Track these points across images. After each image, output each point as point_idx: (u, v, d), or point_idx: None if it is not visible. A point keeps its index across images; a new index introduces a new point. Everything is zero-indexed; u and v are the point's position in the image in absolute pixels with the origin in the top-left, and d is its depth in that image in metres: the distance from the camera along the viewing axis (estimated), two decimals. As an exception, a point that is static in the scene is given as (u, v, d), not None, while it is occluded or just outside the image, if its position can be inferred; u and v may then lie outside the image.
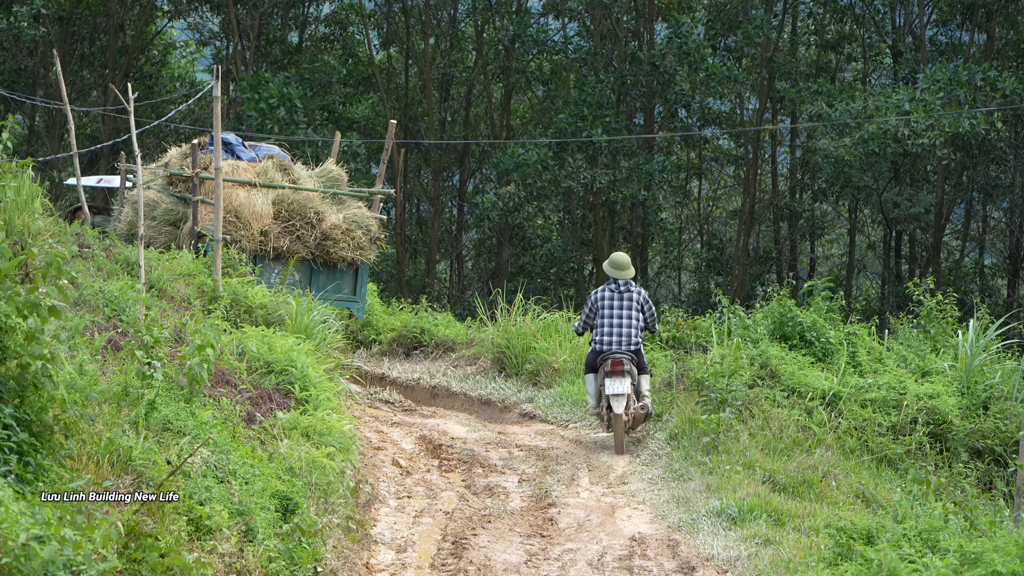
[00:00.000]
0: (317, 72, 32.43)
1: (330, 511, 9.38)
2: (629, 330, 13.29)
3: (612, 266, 13.55)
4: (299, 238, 17.23)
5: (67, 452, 6.67)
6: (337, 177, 18.20)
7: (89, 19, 35.39)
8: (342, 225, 17.53)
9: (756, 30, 30.28)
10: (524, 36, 32.35)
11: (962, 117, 25.41)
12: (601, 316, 13.34)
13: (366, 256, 17.76)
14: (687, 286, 36.09)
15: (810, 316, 15.23)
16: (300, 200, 17.46)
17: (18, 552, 5.23)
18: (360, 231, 17.70)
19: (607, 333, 13.29)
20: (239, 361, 10.83)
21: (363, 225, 17.83)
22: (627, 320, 13.32)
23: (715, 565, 9.44)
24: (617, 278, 13.42)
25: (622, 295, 13.38)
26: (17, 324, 6.44)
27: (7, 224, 10.07)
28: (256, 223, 17.00)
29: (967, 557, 7.89)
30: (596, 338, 13.31)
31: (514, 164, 29.76)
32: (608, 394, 12.96)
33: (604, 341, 13.26)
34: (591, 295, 13.56)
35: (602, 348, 13.25)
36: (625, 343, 13.24)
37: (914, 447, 12.95)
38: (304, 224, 17.30)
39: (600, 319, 13.33)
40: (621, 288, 13.40)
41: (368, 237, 17.87)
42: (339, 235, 17.43)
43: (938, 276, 28.31)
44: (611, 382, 12.95)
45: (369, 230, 17.92)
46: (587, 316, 13.51)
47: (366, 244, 17.80)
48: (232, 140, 18.20)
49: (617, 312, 13.33)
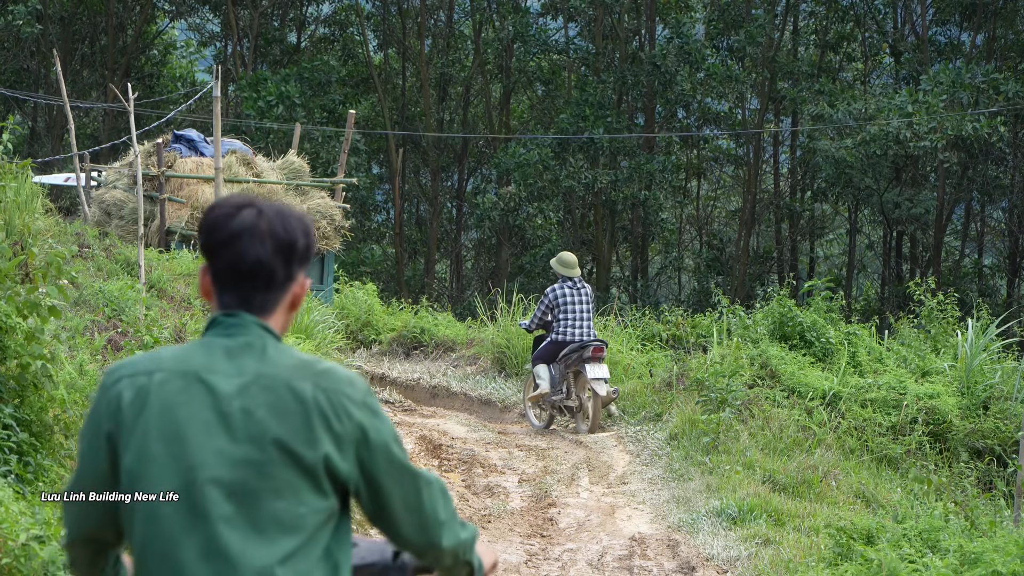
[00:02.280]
0: (316, 71, 32.45)
1: (330, 511, 9.36)
2: (591, 322, 14.04)
3: (564, 265, 14.18)
4: None
5: (67, 452, 6.67)
6: (299, 168, 18.46)
7: (89, 19, 35.38)
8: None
9: (758, 29, 30.26)
10: (525, 36, 32.34)
11: (965, 120, 25.40)
12: (564, 311, 13.96)
13: (331, 245, 18.13)
14: (687, 286, 36.08)
15: (810, 316, 15.23)
16: (264, 193, 17.64)
17: (18, 552, 5.23)
18: (325, 221, 18.00)
19: (574, 325, 13.93)
20: (239, 361, 10.82)
21: (327, 215, 18.12)
22: (587, 313, 14.03)
23: (715, 565, 9.44)
24: (570, 276, 14.06)
25: (579, 291, 14.06)
26: (17, 324, 6.44)
27: (7, 224, 10.06)
28: None
29: (967, 557, 7.89)
30: (560, 330, 13.93)
31: (515, 164, 29.75)
32: (591, 378, 13.54)
33: (571, 332, 13.91)
34: (548, 293, 14.07)
35: (569, 339, 13.88)
36: (590, 334, 13.97)
37: (914, 447, 12.94)
38: None
39: (563, 314, 13.96)
40: (577, 284, 14.06)
41: (333, 226, 18.21)
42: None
43: (939, 276, 28.30)
44: (592, 367, 13.59)
45: (333, 219, 18.25)
46: (543, 313, 14.10)
47: (331, 233, 18.15)
48: (194, 136, 18.32)
49: (579, 306, 14.01)
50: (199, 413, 2.63)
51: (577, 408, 13.99)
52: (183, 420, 2.63)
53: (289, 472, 2.63)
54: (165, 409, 2.64)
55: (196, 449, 2.62)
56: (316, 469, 2.64)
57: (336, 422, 2.67)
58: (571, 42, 32.89)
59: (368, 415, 2.73)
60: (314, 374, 2.69)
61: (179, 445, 2.62)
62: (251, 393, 2.65)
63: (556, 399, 14.05)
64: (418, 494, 2.77)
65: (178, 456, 2.61)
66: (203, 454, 2.61)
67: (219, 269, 2.73)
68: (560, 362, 13.91)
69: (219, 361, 2.67)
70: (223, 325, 2.72)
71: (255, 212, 2.73)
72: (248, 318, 2.72)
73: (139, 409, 2.65)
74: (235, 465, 2.61)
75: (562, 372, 13.96)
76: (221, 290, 2.75)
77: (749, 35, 30.21)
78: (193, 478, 2.60)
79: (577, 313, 13.95)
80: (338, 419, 2.67)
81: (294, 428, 2.64)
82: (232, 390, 2.65)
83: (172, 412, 2.64)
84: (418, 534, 2.78)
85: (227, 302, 2.74)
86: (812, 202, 33.54)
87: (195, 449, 2.62)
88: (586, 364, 13.62)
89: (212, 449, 2.62)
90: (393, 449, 2.76)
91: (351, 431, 2.69)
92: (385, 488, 2.72)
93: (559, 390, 14.01)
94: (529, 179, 29.72)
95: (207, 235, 2.75)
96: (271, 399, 2.65)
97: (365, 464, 2.70)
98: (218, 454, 2.62)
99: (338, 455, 2.66)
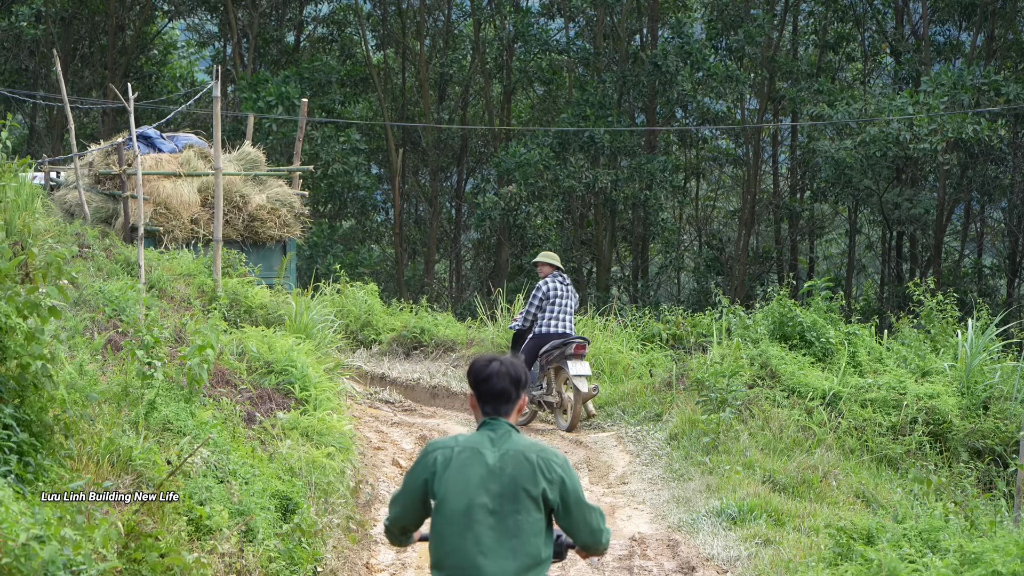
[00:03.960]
0: (316, 72, 32.45)
1: (330, 511, 9.37)
2: (572, 317, 14.19)
3: (550, 258, 14.38)
4: (228, 222, 17.65)
5: (67, 452, 6.67)
6: (255, 159, 18.67)
7: (89, 19, 35.38)
8: (267, 205, 18.08)
9: (758, 29, 30.26)
10: (527, 35, 32.34)
11: (966, 122, 25.38)
12: (552, 305, 14.07)
13: (292, 233, 18.37)
14: (687, 286, 36.08)
15: (810, 316, 15.22)
16: (224, 185, 17.77)
17: (18, 552, 5.23)
18: (285, 209, 18.19)
19: (558, 318, 14.05)
20: (239, 361, 10.83)
21: (287, 203, 18.36)
22: (571, 308, 14.17)
23: (715, 565, 9.44)
24: (560, 269, 14.25)
25: (567, 286, 14.21)
26: (17, 324, 6.44)
27: (7, 224, 10.06)
28: (185, 212, 17.44)
29: (967, 557, 7.88)
30: (544, 322, 14.03)
31: (515, 163, 29.74)
32: (573, 374, 13.65)
33: (554, 325, 14.02)
34: (540, 287, 14.16)
35: (552, 332, 13.99)
36: (571, 328, 14.10)
37: (914, 447, 12.94)
38: (231, 208, 17.79)
39: (551, 308, 14.06)
40: (565, 280, 14.23)
41: (292, 214, 18.44)
42: (265, 215, 17.97)
43: (939, 276, 28.29)
44: (574, 364, 13.72)
45: (293, 207, 18.50)
46: (537, 308, 14.14)
47: (291, 221, 18.38)
48: (152, 133, 18.40)
49: (565, 301, 14.13)
50: (477, 470, 4.88)
51: (558, 404, 14.15)
52: (468, 473, 4.87)
53: (525, 501, 4.85)
54: (459, 468, 4.88)
55: (474, 489, 4.85)
56: (537, 498, 4.86)
57: (548, 473, 4.90)
58: (572, 43, 32.89)
59: (564, 472, 4.93)
60: (537, 450, 4.94)
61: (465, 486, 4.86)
62: (505, 459, 4.89)
63: (536, 395, 14.17)
64: (590, 516, 4.98)
65: (464, 492, 4.85)
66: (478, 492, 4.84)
67: (481, 393, 5.01)
68: (541, 358, 14.05)
69: (487, 443, 4.93)
70: (488, 425, 4.99)
71: (498, 363, 5.02)
72: (501, 420, 4.99)
73: (444, 467, 4.90)
74: (494, 497, 4.84)
75: (543, 368, 14.10)
76: (483, 405, 5.02)
77: (748, 35, 30.20)
78: (471, 503, 4.83)
79: (562, 307, 14.08)
80: (549, 472, 4.90)
81: (526, 476, 4.87)
82: (495, 459, 4.89)
83: (463, 470, 4.88)
84: (588, 536, 5.01)
85: (487, 411, 5.01)
86: (811, 202, 33.53)
87: (473, 489, 4.85)
88: (568, 360, 13.75)
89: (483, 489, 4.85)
90: (578, 491, 4.95)
91: (555, 479, 4.90)
92: (572, 512, 4.95)
93: (539, 385, 14.16)
94: (529, 179, 29.72)
95: (474, 376, 5.03)
96: (514, 462, 4.88)
97: (562, 497, 4.91)
98: (486, 492, 4.84)
99: (549, 490, 4.88)
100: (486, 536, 4.77)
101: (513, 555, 4.78)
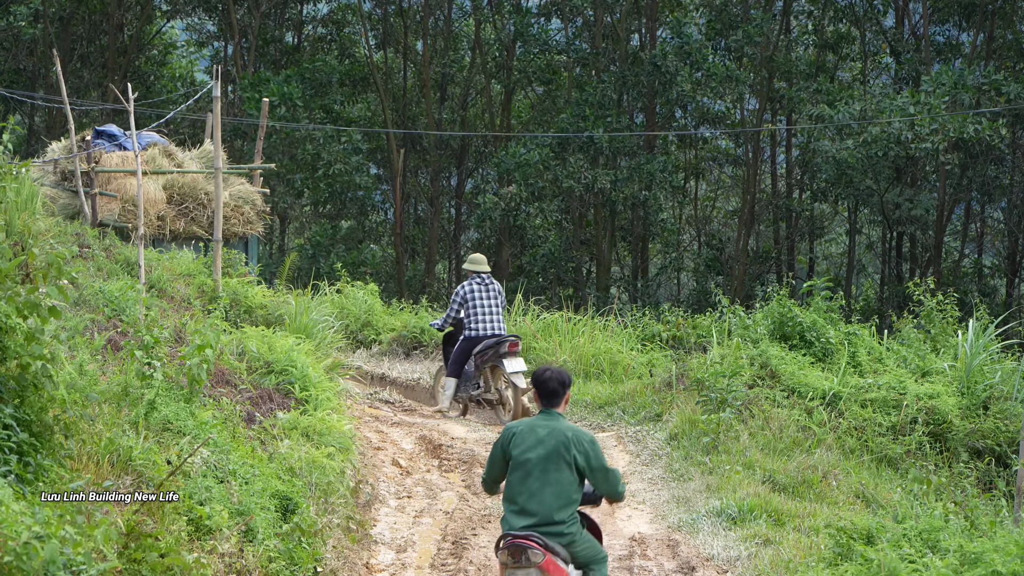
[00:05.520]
0: (317, 72, 32.46)
1: (330, 511, 9.37)
2: (501, 317, 14.60)
3: (475, 263, 14.78)
4: (193, 219, 17.82)
5: (67, 452, 6.67)
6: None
7: (88, 18, 35.38)
8: (231, 202, 18.22)
9: (756, 29, 30.25)
10: (526, 35, 32.34)
11: (966, 122, 25.38)
12: (475, 307, 14.54)
13: (255, 229, 18.54)
14: (687, 286, 36.08)
15: (810, 316, 15.22)
16: (188, 182, 17.97)
17: (19, 551, 5.23)
18: (247, 206, 18.34)
19: (485, 320, 14.51)
20: (239, 361, 10.83)
21: (249, 200, 18.53)
22: (498, 309, 14.61)
23: (715, 565, 9.45)
24: (480, 271, 14.63)
25: (488, 287, 14.62)
26: (17, 324, 6.44)
27: (7, 224, 10.06)
28: (152, 209, 17.56)
29: (967, 557, 7.89)
30: (472, 326, 14.51)
31: (515, 164, 29.74)
32: (510, 372, 14.20)
33: (483, 327, 14.48)
34: (458, 291, 14.67)
35: (481, 334, 14.45)
36: (501, 328, 14.55)
37: (914, 447, 12.94)
38: (196, 205, 17.92)
39: (474, 310, 14.54)
40: (486, 281, 14.64)
41: (255, 211, 18.62)
42: (229, 212, 18.07)
43: (939, 276, 28.29)
44: (510, 362, 14.29)
45: (255, 204, 18.66)
46: (456, 310, 14.66)
47: (254, 218, 18.56)
48: (116, 132, 18.47)
49: (488, 302, 14.56)
50: (532, 440, 7.07)
51: (497, 400, 14.64)
52: (528, 442, 7.06)
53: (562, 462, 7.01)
54: (522, 438, 7.08)
55: (530, 450, 7.03)
56: (570, 462, 7.02)
57: (577, 447, 7.06)
58: (571, 43, 32.88)
59: (590, 447, 7.09)
60: (573, 431, 7.10)
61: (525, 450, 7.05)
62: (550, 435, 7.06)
63: (475, 393, 14.70)
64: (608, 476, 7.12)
65: (524, 454, 7.04)
66: (533, 453, 7.02)
67: (539, 392, 7.20)
68: (476, 357, 14.51)
69: (540, 423, 7.12)
70: (544, 412, 7.18)
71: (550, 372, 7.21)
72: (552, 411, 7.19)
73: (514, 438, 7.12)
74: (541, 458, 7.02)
75: (478, 367, 14.55)
76: (541, 399, 7.20)
77: (747, 35, 30.20)
78: (528, 459, 7.02)
79: (487, 308, 14.51)
80: (579, 446, 7.06)
81: (563, 447, 7.03)
82: (544, 433, 7.07)
83: (524, 440, 7.08)
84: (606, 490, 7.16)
85: (543, 404, 7.19)
86: (811, 202, 33.53)
87: (530, 450, 7.03)
88: (504, 359, 14.28)
89: (534, 451, 7.03)
90: (600, 459, 7.11)
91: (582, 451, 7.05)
92: (596, 474, 7.08)
93: (475, 384, 14.65)
94: (529, 179, 29.72)
95: (535, 380, 7.24)
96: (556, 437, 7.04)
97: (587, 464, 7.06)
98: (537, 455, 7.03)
99: (578, 458, 7.04)
100: (536, 482, 7.02)
101: (553, 495, 7.02)
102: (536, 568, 6.89)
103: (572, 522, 7.05)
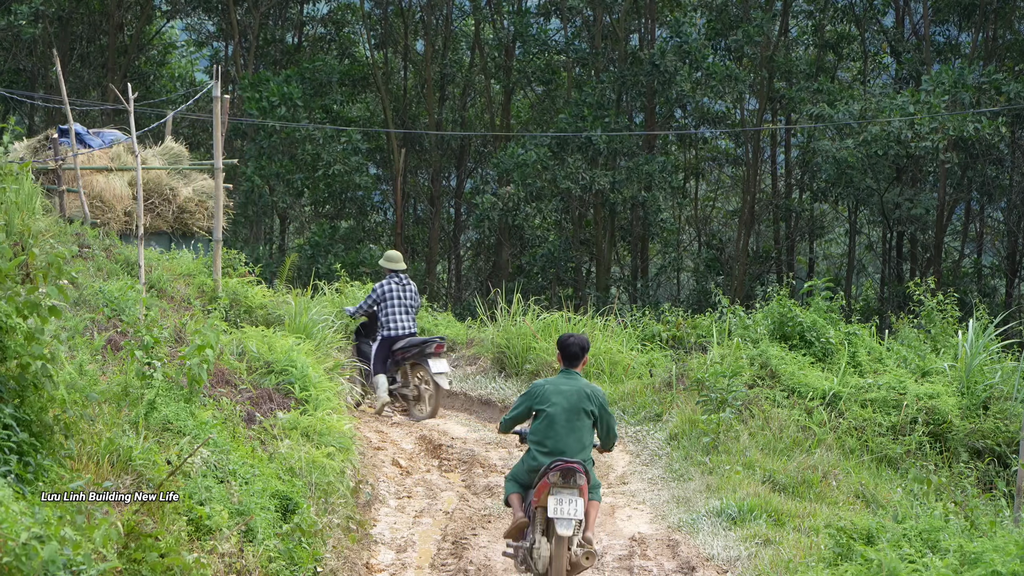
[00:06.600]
0: (317, 72, 32.44)
1: (330, 511, 9.37)
2: (414, 317, 15.04)
3: (391, 261, 15.15)
4: (159, 214, 18.08)
5: (67, 452, 6.66)
6: (179, 153, 19.16)
7: (88, 19, 35.36)
8: (194, 197, 18.42)
9: (756, 28, 30.23)
10: (526, 35, 32.32)
11: (967, 121, 25.37)
12: (391, 307, 14.90)
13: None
14: (687, 286, 36.07)
15: (810, 316, 15.22)
16: (153, 178, 18.13)
17: (18, 551, 5.23)
18: (211, 201, 18.43)
19: (398, 318, 14.89)
20: (239, 361, 10.82)
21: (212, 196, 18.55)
22: (411, 309, 15.01)
23: (715, 565, 9.44)
24: (397, 270, 15.00)
25: (404, 287, 15.00)
26: (17, 324, 6.43)
27: (7, 224, 10.06)
28: (119, 204, 17.72)
29: (967, 557, 7.88)
30: (387, 325, 14.86)
31: (514, 164, 29.73)
32: (435, 372, 14.63)
33: (396, 326, 14.86)
34: (376, 288, 15.02)
35: (395, 334, 14.84)
36: (413, 327, 14.96)
37: (914, 447, 12.94)
38: (161, 200, 18.17)
39: (391, 310, 14.89)
40: (403, 280, 15.02)
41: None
42: (193, 207, 18.32)
43: (939, 276, 28.28)
44: (435, 362, 14.72)
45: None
46: (369, 305, 15.04)
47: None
48: (80, 130, 18.52)
49: (405, 303, 14.95)
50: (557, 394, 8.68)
51: (415, 396, 14.94)
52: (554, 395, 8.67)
53: (582, 413, 8.66)
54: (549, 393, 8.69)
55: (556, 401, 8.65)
56: (589, 412, 8.68)
57: (593, 400, 8.70)
58: (570, 43, 32.86)
59: (602, 401, 8.76)
60: (591, 387, 8.78)
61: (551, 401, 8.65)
62: (572, 389, 8.67)
63: (393, 388, 14.97)
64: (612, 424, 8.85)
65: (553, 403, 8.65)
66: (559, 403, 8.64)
67: (564, 354, 8.82)
68: (395, 354, 14.86)
69: (563, 382, 8.75)
70: (565, 372, 8.81)
71: (574, 338, 8.84)
72: (572, 371, 8.81)
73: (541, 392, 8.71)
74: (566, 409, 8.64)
75: (397, 363, 14.90)
76: (564, 361, 8.83)
77: (747, 35, 30.18)
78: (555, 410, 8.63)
79: (402, 309, 14.88)
80: (595, 399, 8.71)
81: (583, 400, 8.68)
82: (568, 389, 8.68)
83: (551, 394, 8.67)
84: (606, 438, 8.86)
85: (566, 364, 8.82)
86: (811, 202, 33.52)
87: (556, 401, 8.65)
88: (428, 359, 14.68)
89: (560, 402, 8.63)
90: (609, 411, 8.82)
91: (597, 403, 8.71)
92: (605, 420, 8.77)
93: (392, 379, 14.97)
94: (528, 179, 29.70)
95: (560, 344, 8.89)
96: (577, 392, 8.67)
97: (599, 414, 8.73)
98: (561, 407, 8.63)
99: (594, 410, 8.70)
100: (562, 429, 8.57)
101: (576, 441, 8.57)
102: (578, 489, 8.38)
103: (588, 461, 8.62)
